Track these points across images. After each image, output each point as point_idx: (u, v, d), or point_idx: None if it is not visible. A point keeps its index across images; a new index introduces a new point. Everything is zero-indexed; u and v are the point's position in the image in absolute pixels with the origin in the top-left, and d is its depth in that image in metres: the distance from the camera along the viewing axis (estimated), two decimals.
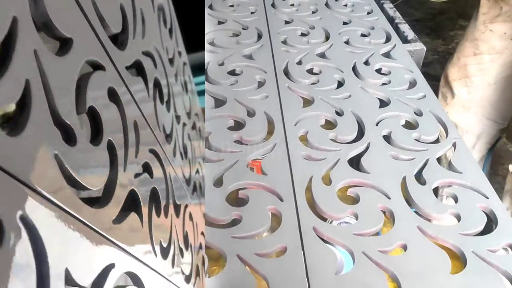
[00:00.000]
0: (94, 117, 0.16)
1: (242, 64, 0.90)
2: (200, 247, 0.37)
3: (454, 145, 0.71)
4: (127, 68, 0.22)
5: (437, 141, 0.72)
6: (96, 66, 0.17)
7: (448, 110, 1.19)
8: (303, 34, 1.03)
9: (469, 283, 0.50)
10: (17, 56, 0.11)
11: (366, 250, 0.53)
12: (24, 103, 0.12)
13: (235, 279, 0.51)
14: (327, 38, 1.02)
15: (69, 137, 0.14)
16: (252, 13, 1.11)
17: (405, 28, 1.08)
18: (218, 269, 0.60)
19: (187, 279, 0.32)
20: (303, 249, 0.54)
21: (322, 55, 0.96)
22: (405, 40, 1.04)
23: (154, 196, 0.24)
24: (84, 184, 0.15)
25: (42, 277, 0.12)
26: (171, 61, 0.30)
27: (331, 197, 0.61)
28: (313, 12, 1.14)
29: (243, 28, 1.03)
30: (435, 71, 2.09)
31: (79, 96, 0.15)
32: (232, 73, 0.88)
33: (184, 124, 0.35)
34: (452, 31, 2.50)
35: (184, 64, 0.38)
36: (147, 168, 0.23)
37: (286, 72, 0.89)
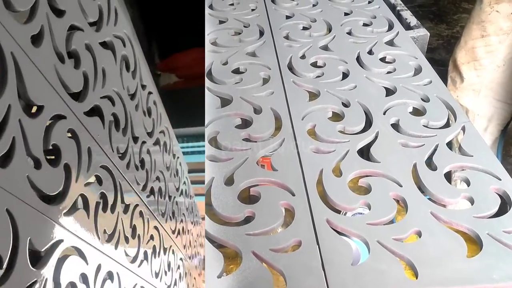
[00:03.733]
0: (57, 149, 0.27)
1: (246, 62, 0.90)
2: (151, 238, 0.49)
3: (463, 128, 0.70)
4: (87, 112, 0.33)
5: (445, 126, 0.72)
6: (60, 116, 0.28)
7: (458, 94, 1.18)
8: (305, 28, 1.03)
9: (486, 266, 0.49)
10: (9, 124, 0.21)
11: (380, 239, 0.53)
12: (9, 152, 0.21)
13: (251, 275, 0.51)
14: (329, 30, 1.02)
15: (38, 165, 0.24)
16: (252, 10, 1.11)
17: (407, 14, 1.07)
18: (235, 267, 0.60)
19: (133, 259, 0.44)
20: (317, 242, 0.54)
21: (325, 48, 0.95)
22: (408, 27, 1.03)
23: (103, 198, 0.35)
24: (46, 192, 0.25)
25: (16, 246, 0.22)
26: (132, 96, 0.41)
27: (342, 189, 0.61)
28: (313, 5, 1.13)
29: (244, 26, 1.04)
30: (440, 56, 2.07)
31: (46, 138, 0.25)
32: (236, 71, 0.88)
33: (144, 142, 0.45)
34: (455, 15, 2.47)
35: (149, 93, 0.50)
36: (98, 179, 0.34)
37: (290, 67, 0.89)
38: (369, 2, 1.12)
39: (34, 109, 0.25)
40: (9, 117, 0.21)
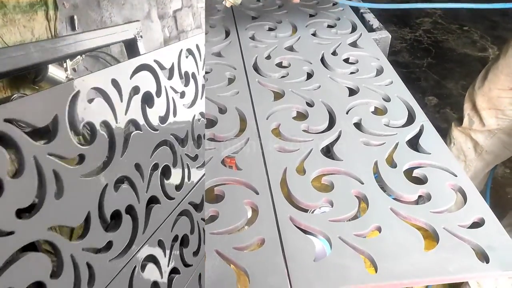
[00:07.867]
0: None
1: (211, 62, 0.90)
2: None
3: (422, 127, 0.72)
4: None
5: (405, 125, 0.74)
6: None
7: (472, 129, 1.15)
8: (270, 29, 1.04)
9: (442, 258, 0.51)
10: None
11: (342, 235, 0.54)
12: None
13: (215, 274, 0.51)
14: (295, 31, 1.03)
15: None
16: (218, 11, 1.11)
17: (370, 17, 1.10)
18: None
19: None
20: (280, 240, 0.54)
21: (291, 48, 0.96)
22: (370, 29, 1.06)
23: None
24: None
25: None
26: None
27: (306, 187, 0.62)
28: (279, 7, 1.14)
29: (210, 27, 1.03)
30: (404, 59, 2.13)
31: None
32: None
33: None
34: (418, 18, 2.55)
35: None
36: None
37: (256, 67, 0.89)
38: (334, 4, 1.14)
39: None
40: None
